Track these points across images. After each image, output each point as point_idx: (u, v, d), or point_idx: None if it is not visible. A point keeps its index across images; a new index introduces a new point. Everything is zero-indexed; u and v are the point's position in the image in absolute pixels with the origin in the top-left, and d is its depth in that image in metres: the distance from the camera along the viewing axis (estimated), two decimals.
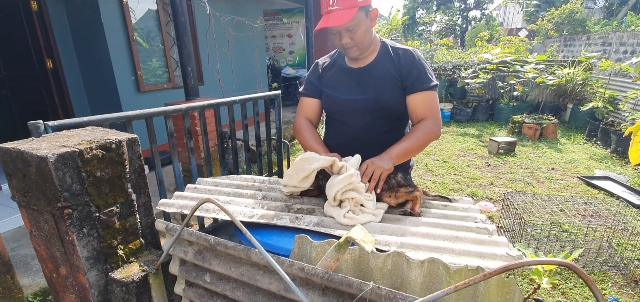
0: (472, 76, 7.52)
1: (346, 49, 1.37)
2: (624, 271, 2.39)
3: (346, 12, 1.26)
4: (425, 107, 1.39)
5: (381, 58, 1.42)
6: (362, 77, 1.43)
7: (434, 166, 4.63)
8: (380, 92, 1.39)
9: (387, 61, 1.41)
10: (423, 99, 1.38)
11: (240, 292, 0.95)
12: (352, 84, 1.45)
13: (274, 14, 8.89)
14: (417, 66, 1.38)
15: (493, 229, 1.06)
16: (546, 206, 2.94)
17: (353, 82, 1.45)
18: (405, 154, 1.33)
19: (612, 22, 11.48)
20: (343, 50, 1.40)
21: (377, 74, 1.41)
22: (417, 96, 1.38)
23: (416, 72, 1.37)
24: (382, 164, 1.24)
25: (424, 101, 1.38)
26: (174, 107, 2.05)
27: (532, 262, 0.57)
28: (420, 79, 1.37)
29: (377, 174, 1.22)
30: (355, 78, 1.45)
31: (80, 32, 4.19)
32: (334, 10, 1.28)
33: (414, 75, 1.37)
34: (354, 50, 1.37)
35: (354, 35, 1.32)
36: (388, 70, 1.40)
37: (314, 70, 1.59)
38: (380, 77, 1.40)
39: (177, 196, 1.33)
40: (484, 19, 19.04)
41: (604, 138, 5.36)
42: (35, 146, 0.96)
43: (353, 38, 1.32)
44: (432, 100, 1.39)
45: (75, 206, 0.95)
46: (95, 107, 4.50)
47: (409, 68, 1.37)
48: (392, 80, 1.39)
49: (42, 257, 1.13)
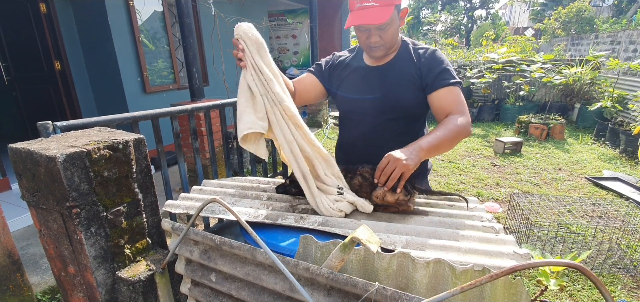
0: (478, 76, 7.47)
1: (373, 47, 1.30)
2: (634, 273, 2.36)
3: (383, 10, 1.19)
4: (451, 101, 1.27)
5: (400, 57, 1.37)
6: (379, 75, 1.38)
7: (439, 166, 4.61)
8: (395, 91, 1.34)
9: (406, 61, 1.36)
10: (448, 93, 1.27)
11: (246, 292, 0.96)
12: (367, 83, 1.39)
13: (278, 14, 8.91)
14: (438, 63, 1.30)
15: (499, 227, 1.05)
16: (553, 207, 2.90)
17: (369, 80, 1.39)
18: (437, 148, 1.18)
19: (621, 20, 11.33)
20: (368, 48, 1.33)
21: (395, 73, 1.35)
22: (441, 92, 1.27)
23: (438, 68, 1.29)
24: (407, 162, 1.07)
25: (449, 95, 1.27)
26: (180, 108, 2.06)
27: (540, 264, 0.57)
28: (443, 75, 1.28)
29: (397, 173, 1.07)
30: (371, 76, 1.39)
31: (88, 34, 4.24)
32: (370, 6, 1.20)
33: (435, 72, 1.29)
34: (380, 49, 1.30)
35: (384, 34, 1.25)
36: (406, 69, 1.34)
37: (330, 58, 1.52)
38: (397, 77, 1.35)
39: (182, 197, 1.34)
40: (490, 18, 18.90)
41: (612, 138, 5.29)
42: (44, 146, 0.97)
43: (382, 37, 1.26)
44: (458, 95, 1.28)
45: (83, 206, 0.96)
46: (102, 108, 4.56)
47: (429, 66, 1.30)
48: (410, 79, 1.33)
49: (51, 255, 1.14)
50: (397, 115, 1.38)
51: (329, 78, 1.49)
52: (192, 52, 3.31)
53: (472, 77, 7.48)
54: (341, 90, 1.45)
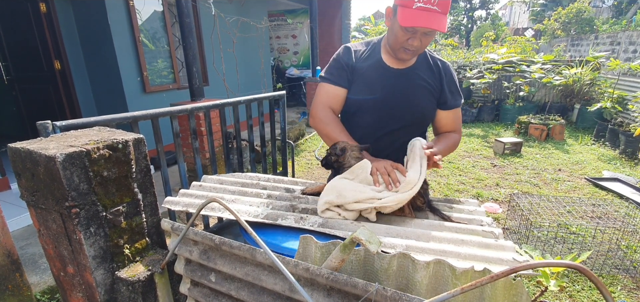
0: (478, 76, 7.46)
1: (409, 50, 1.23)
2: (634, 273, 2.35)
3: (443, 18, 1.14)
4: (455, 122, 1.44)
5: (420, 63, 1.36)
6: (401, 79, 1.34)
7: None
8: (418, 99, 1.34)
9: (425, 68, 1.37)
10: (455, 115, 1.43)
11: (245, 292, 0.95)
12: (388, 84, 1.33)
13: (278, 14, 8.92)
14: (455, 83, 1.40)
15: (499, 232, 1.05)
16: (553, 208, 2.90)
17: (390, 81, 1.33)
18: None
19: (621, 21, 11.34)
20: (403, 50, 1.24)
21: (416, 79, 1.34)
22: (451, 112, 1.42)
23: (454, 88, 1.40)
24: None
25: (456, 118, 1.43)
26: (180, 108, 2.06)
27: (540, 264, 0.57)
28: (456, 96, 1.41)
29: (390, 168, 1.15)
30: (393, 78, 1.33)
31: (88, 34, 4.24)
32: (433, 10, 1.13)
33: (453, 92, 1.40)
34: (414, 54, 1.28)
35: (426, 40, 1.22)
36: (426, 77, 1.35)
37: (346, 55, 1.37)
38: (418, 84, 1.34)
39: (182, 193, 1.33)
40: (490, 19, 18.90)
41: (612, 139, 5.29)
42: (43, 146, 0.97)
43: (423, 43, 1.22)
44: (460, 115, 1.45)
45: (82, 205, 0.96)
46: (102, 108, 4.55)
47: (449, 83, 1.39)
48: (430, 89, 1.36)
49: (50, 255, 1.14)
50: (412, 121, 1.36)
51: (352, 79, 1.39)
52: (192, 52, 3.31)
53: (472, 78, 7.47)
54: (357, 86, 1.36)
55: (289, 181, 1.52)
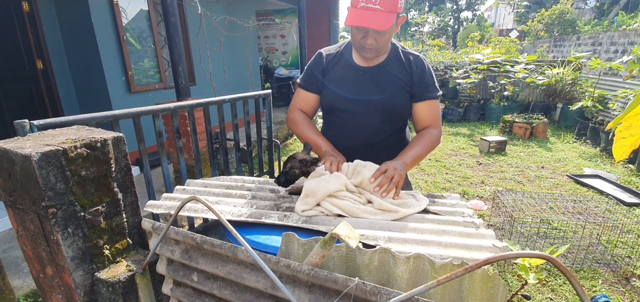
0: (464, 76, 7.58)
1: (366, 49, 1.29)
2: (614, 268, 2.42)
3: (388, 17, 1.18)
4: (431, 115, 1.41)
5: (391, 60, 1.39)
6: (371, 77, 1.38)
7: (426, 165, 4.66)
8: (390, 95, 1.36)
9: (397, 64, 1.38)
10: (430, 107, 1.40)
11: (228, 291, 0.95)
12: (360, 83, 1.39)
13: (266, 14, 8.88)
14: (427, 75, 1.38)
15: (480, 222, 1.07)
16: (536, 204, 2.97)
17: (361, 81, 1.39)
18: (416, 161, 1.33)
19: (603, 22, 11.65)
20: (360, 49, 1.32)
21: (387, 76, 1.37)
22: (425, 104, 1.39)
23: (426, 80, 1.38)
24: (401, 171, 1.19)
25: (431, 110, 1.41)
26: (162, 107, 2.03)
27: (513, 255, 0.58)
28: (429, 88, 1.39)
29: (397, 179, 1.16)
30: (364, 77, 1.39)
31: (71, 33, 4.15)
32: (375, 9, 1.17)
33: (424, 84, 1.37)
34: (373, 52, 1.30)
35: (381, 39, 1.25)
36: (397, 73, 1.37)
37: (317, 61, 1.46)
38: (390, 80, 1.37)
39: (165, 197, 1.32)
40: (476, 20, 19.21)
41: (593, 137, 5.44)
42: (20, 145, 0.94)
43: (378, 41, 1.26)
44: (437, 108, 1.42)
45: (59, 205, 0.94)
46: (85, 108, 4.46)
47: (420, 75, 1.37)
48: (401, 84, 1.37)
49: (28, 257, 1.11)
50: (387, 118, 1.40)
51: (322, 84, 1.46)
52: (178, 51, 3.27)
53: (458, 78, 7.59)
54: (330, 86, 1.43)
55: (274, 182, 1.51)
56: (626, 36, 7.19)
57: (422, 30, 19.27)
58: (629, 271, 2.39)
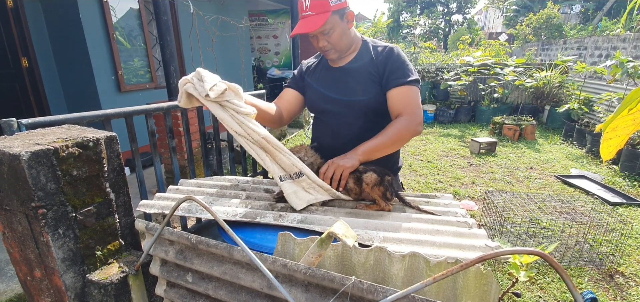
0: (455, 78, 7.67)
1: (324, 51, 1.41)
2: (600, 265, 2.48)
3: (318, 18, 1.29)
4: (400, 102, 1.34)
5: (360, 57, 1.44)
6: (340, 76, 1.46)
7: (418, 166, 4.70)
8: (357, 91, 1.41)
9: (365, 60, 1.42)
10: (399, 94, 1.34)
11: (223, 291, 0.94)
12: (332, 84, 1.48)
13: (259, 14, 8.85)
14: (393, 61, 1.35)
15: (473, 222, 1.08)
16: (525, 204, 3.02)
17: (333, 81, 1.48)
18: (374, 151, 1.30)
19: (587, 27, 11.92)
20: (322, 52, 1.44)
21: (356, 73, 1.42)
22: (394, 92, 1.34)
23: (392, 67, 1.34)
24: (344, 163, 1.24)
25: (400, 96, 1.34)
26: (155, 106, 2.01)
27: (506, 252, 0.59)
28: (396, 74, 1.34)
29: (338, 173, 1.23)
30: (334, 77, 1.48)
31: (58, 30, 4.06)
32: (308, 15, 1.30)
33: (389, 71, 1.35)
34: (331, 52, 1.40)
35: (329, 38, 1.34)
36: (366, 68, 1.40)
37: (299, 68, 1.64)
38: (358, 76, 1.41)
39: (158, 197, 1.30)
40: (466, 23, 19.45)
41: (579, 138, 5.56)
42: (7, 144, 0.92)
43: (329, 41, 1.35)
44: (408, 95, 1.34)
45: (50, 206, 0.92)
46: (73, 108, 4.37)
47: (385, 64, 1.36)
48: (370, 77, 1.39)
49: (15, 259, 1.09)
50: (361, 113, 1.44)
51: (304, 86, 1.58)
52: (169, 50, 3.24)
53: (449, 80, 7.68)
54: (310, 93, 1.54)
55: (268, 182, 1.51)
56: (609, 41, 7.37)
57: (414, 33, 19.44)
58: (613, 268, 2.45)
